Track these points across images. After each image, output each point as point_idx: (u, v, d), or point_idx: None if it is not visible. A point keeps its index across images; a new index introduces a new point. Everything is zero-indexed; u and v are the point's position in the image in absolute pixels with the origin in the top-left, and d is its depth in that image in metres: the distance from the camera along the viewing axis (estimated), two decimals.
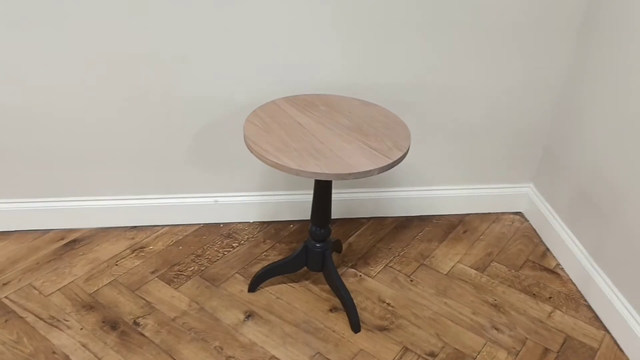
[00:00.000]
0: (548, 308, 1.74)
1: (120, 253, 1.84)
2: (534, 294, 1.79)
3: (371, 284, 1.79)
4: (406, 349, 1.57)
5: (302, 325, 1.62)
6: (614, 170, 1.65)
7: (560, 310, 1.73)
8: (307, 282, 1.76)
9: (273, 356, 1.52)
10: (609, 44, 1.66)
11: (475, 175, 2.09)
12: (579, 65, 1.81)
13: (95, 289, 1.69)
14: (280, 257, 1.85)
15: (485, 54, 1.80)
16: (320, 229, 1.58)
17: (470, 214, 2.16)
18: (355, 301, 1.69)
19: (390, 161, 1.31)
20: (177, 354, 1.50)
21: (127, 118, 1.74)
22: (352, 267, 1.85)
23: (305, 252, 1.64)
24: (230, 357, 1.51)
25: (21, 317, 1.58)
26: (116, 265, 1.79)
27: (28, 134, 1.72)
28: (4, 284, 1.68)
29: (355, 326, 1.61)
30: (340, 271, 1.82)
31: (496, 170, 2.09)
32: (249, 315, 1.64)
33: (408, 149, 1.37)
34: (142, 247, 1.87)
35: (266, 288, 1.73)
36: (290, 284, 1.76)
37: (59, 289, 1.68)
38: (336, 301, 1.70)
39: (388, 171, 1.99)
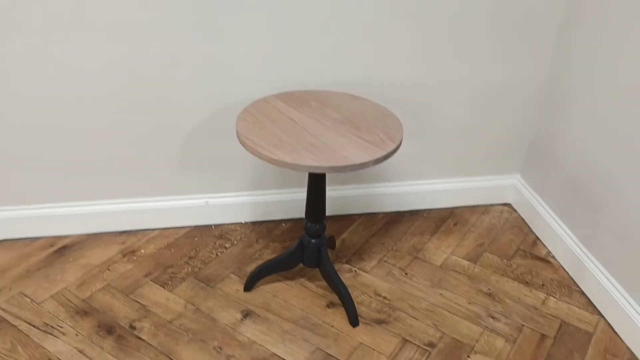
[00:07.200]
0: (542, 295, 1.76)
1: (111, 257, 1.82)
2: (527, 282, 1.81)
3: (367, 279, 1.79)
4: (405, 341, 1.57)
5: (300, 321, 1.61)
6: (601, 159, 1.68)
7: (553, 296, 1.76)
8: (302, 280, 1.76)
9: (273, 354, 1.51)
10: (591, 36, 1.69)
11: (463, 168, 2.11)
12: (562, 58, 1.84)
13: (89, 294, 1.67)
14: (274, 256, 1.84)
15: (468, 51, 1.82)
16: (316, 224, 1.58)
17: (460, 207, 2.18)
18: (352, 296, 1.70)
19: (385, 152, 1.32)
20: (176, 355, 1.49)
21: (114, 121, 1.73)
22: (346, 262, 1.85)
23: (301, 248, 1.64)
24: (230, 356, 1.49)
25: (14, 326, 1.55)
26: (108, 270, 1.77)
27: (12, 139, 1.70)
28: None
29: (354, 320, 1.61)
30: (335, 267, 1.82)
31: (484, 163, 2.11)
32: (246, 314, 1.63)
33: (401, 140, 1.38)
34: (133, 251, 1.85)
35: (262, 287, 1.73)
36: (285, 281, 1.75)
37: (51, 296, 1.65)
38: (333, 297, 1.70)
39: (378, 166, 2.00)
